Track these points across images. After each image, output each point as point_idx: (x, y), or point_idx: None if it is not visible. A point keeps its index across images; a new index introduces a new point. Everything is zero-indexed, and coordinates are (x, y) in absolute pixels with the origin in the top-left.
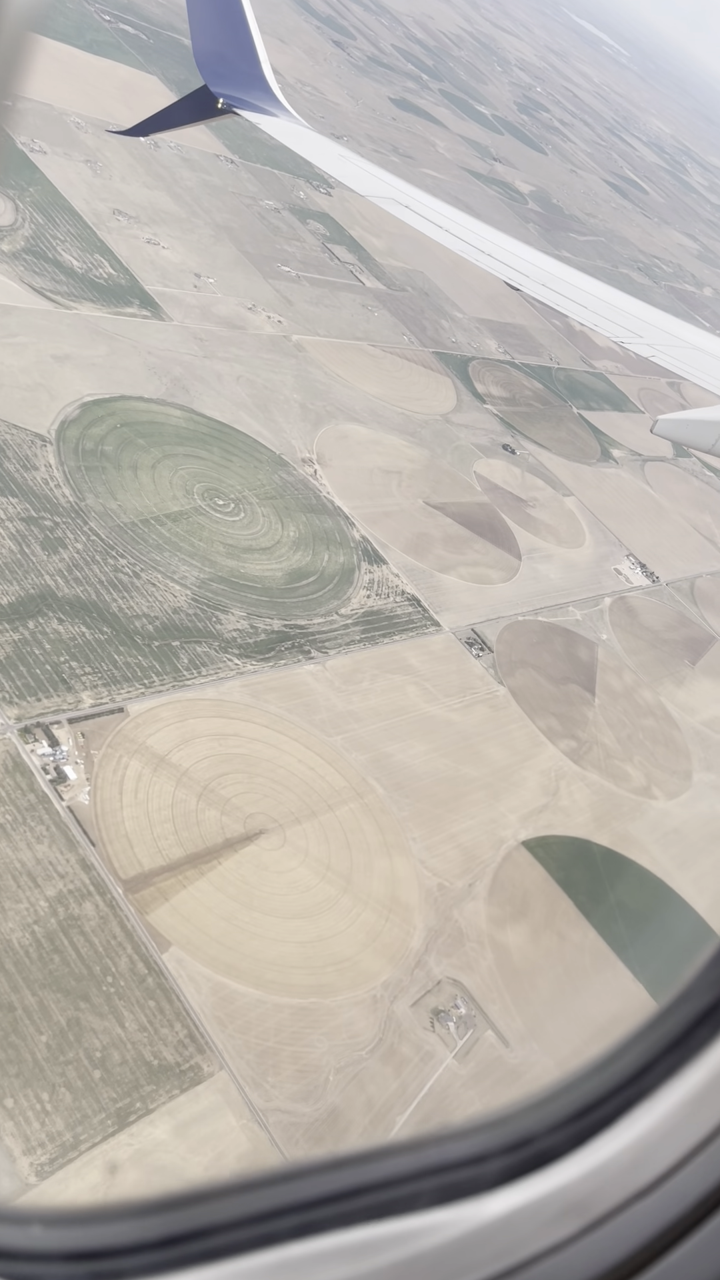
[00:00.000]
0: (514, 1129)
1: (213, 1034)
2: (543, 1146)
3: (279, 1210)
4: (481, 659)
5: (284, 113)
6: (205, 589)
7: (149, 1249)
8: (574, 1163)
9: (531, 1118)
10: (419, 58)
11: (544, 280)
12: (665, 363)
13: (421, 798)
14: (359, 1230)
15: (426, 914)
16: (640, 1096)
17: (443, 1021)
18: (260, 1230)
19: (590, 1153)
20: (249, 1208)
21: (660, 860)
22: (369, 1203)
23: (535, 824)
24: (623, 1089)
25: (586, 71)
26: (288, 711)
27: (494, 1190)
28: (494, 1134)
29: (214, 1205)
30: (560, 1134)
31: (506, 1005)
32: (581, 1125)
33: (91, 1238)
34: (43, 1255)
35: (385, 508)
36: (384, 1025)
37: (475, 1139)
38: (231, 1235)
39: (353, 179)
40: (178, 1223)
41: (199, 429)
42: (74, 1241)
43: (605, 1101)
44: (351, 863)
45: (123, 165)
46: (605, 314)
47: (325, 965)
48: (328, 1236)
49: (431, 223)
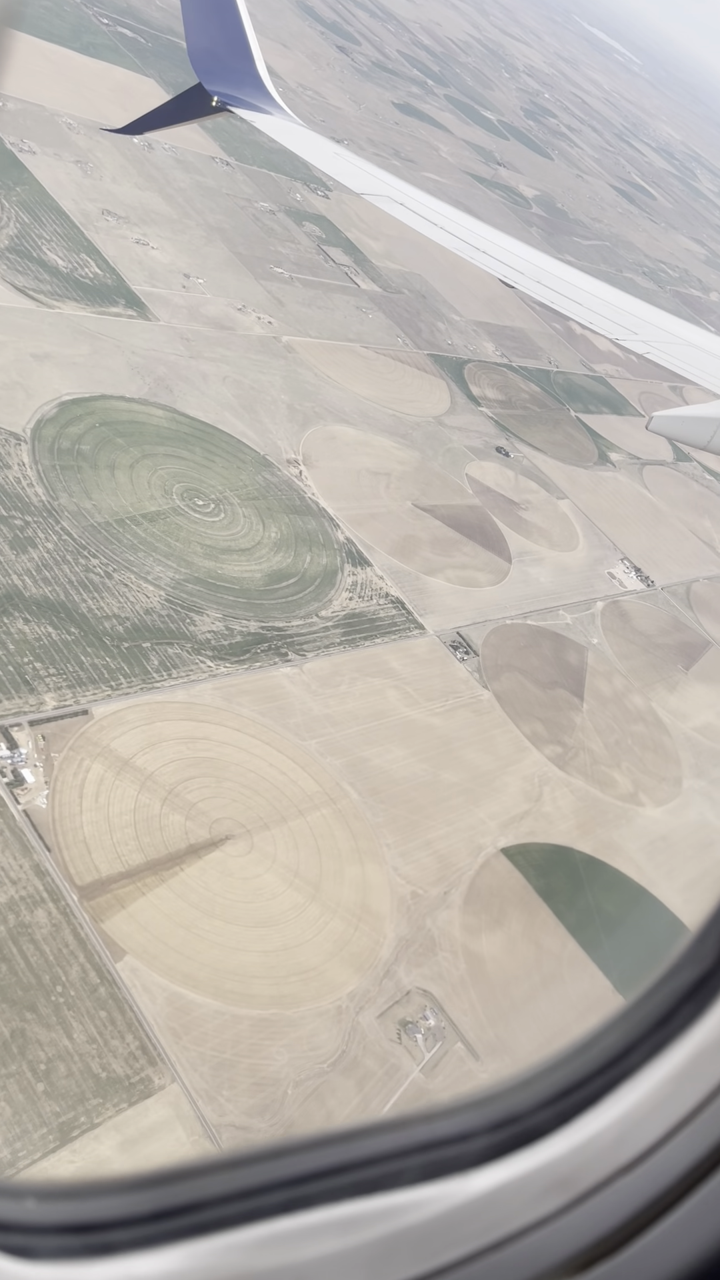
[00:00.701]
0: (500, 1107)
1: (166, 1046)
2: (528, 1124)
3: (267, 1186)
4: (466, 662)
5: (279, 111)
6: (180, 590)
7: (140, 1223)
8: (559, 1140)
9: (517, 1096)
10: (424, 63)
11: (540, 278)
12: (661, 360)
13: (398, 803)
14: (346, 1205)
15: (398, 922)
16: (625, 1075)
17: (410, 1033)
18: (249, 1205)
19: (575, 1130)
20: (238, 1183)
21: (645, 869)
22: (356, 1179)
23: (516, 831)
24: (608, 1067)
25: (596, 79)
26: (261, 715)
27: (480, 1167)
28: (480, 1112)
29: (204, 1181)
30: (546, 1112)
31: (478, 1017)
32: (567, 1103)
33: (84, 1211)
34: (36, 1228)
35: (372, 509)
36: (348, 1037)
37: (461, 1117)
38: (221, 1210)
39: (348, 177)
40: (168, 1197)
41: (181, 429)
42: (67, 1215)
43: (590, 1080)
44: (321, 869)
45: (114, 166)
46: (601, 311)
47: (289, 975)
48: (315, 1211)
49: (427, 220)
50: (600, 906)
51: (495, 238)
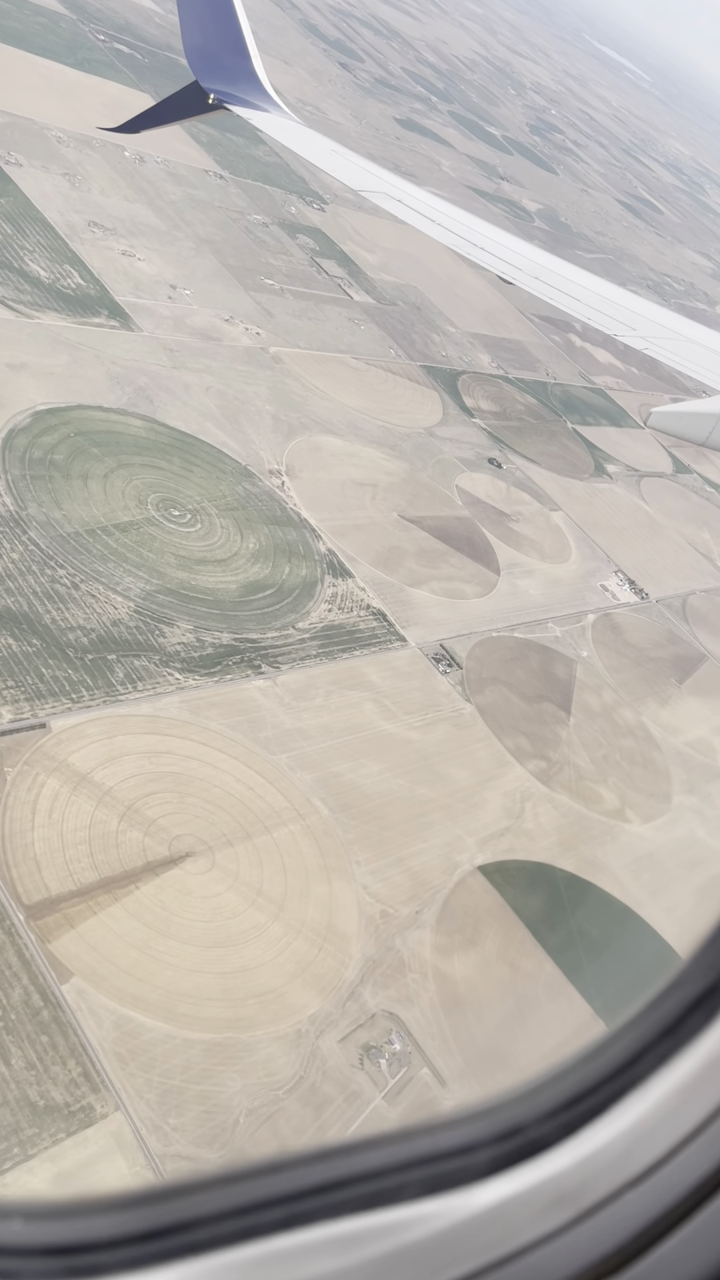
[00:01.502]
0: (504, 1118)
1: (111, 1072)
2: (533, 1136)
3: (264, 1202)
4: (449, 675)
5: (275, 108)
6: (150, 601)
7: (130, 1243)
8: (564, 1152)
9: (521, 1107)
10: (429, 80)
11: (537, 274)
12: (659, 355)
13: (370, 819)
14: (346, 1222)
15: (365, 943)
16: (631, 1085)
17: (374, 1059)
18: (245, 1223)
19: (581, 1142)
20: (233, 1200)
21: (629, 887)
22: (356, 1194)
23: (494, 848)
24: (614, 1077)
25: (605, 95)
26: (229, 728)
27: (484, 1180)
28: (483, 1123)
29: (197, 1198)
30: (550, 1123)
31: (446, 1041)
32: (572, 1114)
33: (72, 1232)
34: (22, 1250)
35: (356, 520)
36: (307, 1062)
37: (464, 1129)
38: (215, 1228)
39: (345, 173)
40: (160, 1216)
41: (159, 439)
42: (54, 1236)
43: (596, 1090)
44: (286, 888)
45: (103, 179)
46: (599, 307)
47: (246, 997)
48: (314, 1228)
49: (424, 216)
50: (581, 927)
51: (494, 234)
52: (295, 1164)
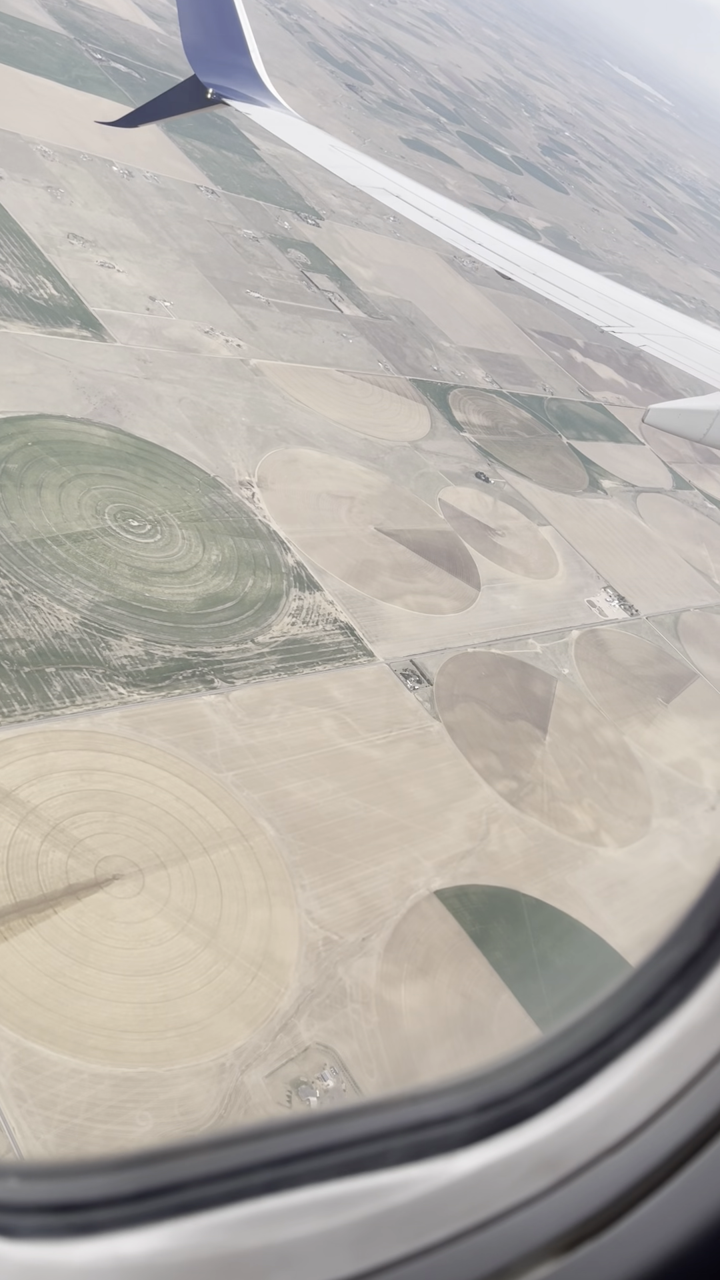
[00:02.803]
0: (486, 1089)
1: (5, 1109)
2: (515, 1106)
3: (252, 1166)
4: (417, 692)
5: (274, 103)
6: (98, 613)
7: (124, 1202)
8: (546, 1121)
9: (504, 1078)
10: (439, 102)
11: (535, 269)
12: (657, 351)
13: (320, 841)
14: (331, 1185)
15: (304, 971)
16: (612, 1056)
17: (303, 1095)
18: (233, 1185)
19: (562, 1111)
20: (222, 1163)
21: (600, 914)
22: (341, 1159)
23: (454, 872)
24: (595, 1049)
25: (623, 119)
26: (173, 745)
27: (466, 1148)
28: (466, 1093)
29: (188, 1161)
30: (532, 1093)
31: (385, 1077)
32: (554, 1085)
33: (67, 1190)
34: (19, 1207)
35: (329, 533)
36: (228, 1099)
37: (447, 1098)
38: (205, 1190)
39: (343, 168)
40: (152, 1177)
41: (124, 449)
42: (50, 1194)
43: (577, 1061)
44: (221, 913)
45: (87, 192)
46: (596, 303)
47: (167, 1029)
48: (300, 1191)
49: (422, 212)
50: (545, 956)
51: (493, 230)
52: (282, 1130)
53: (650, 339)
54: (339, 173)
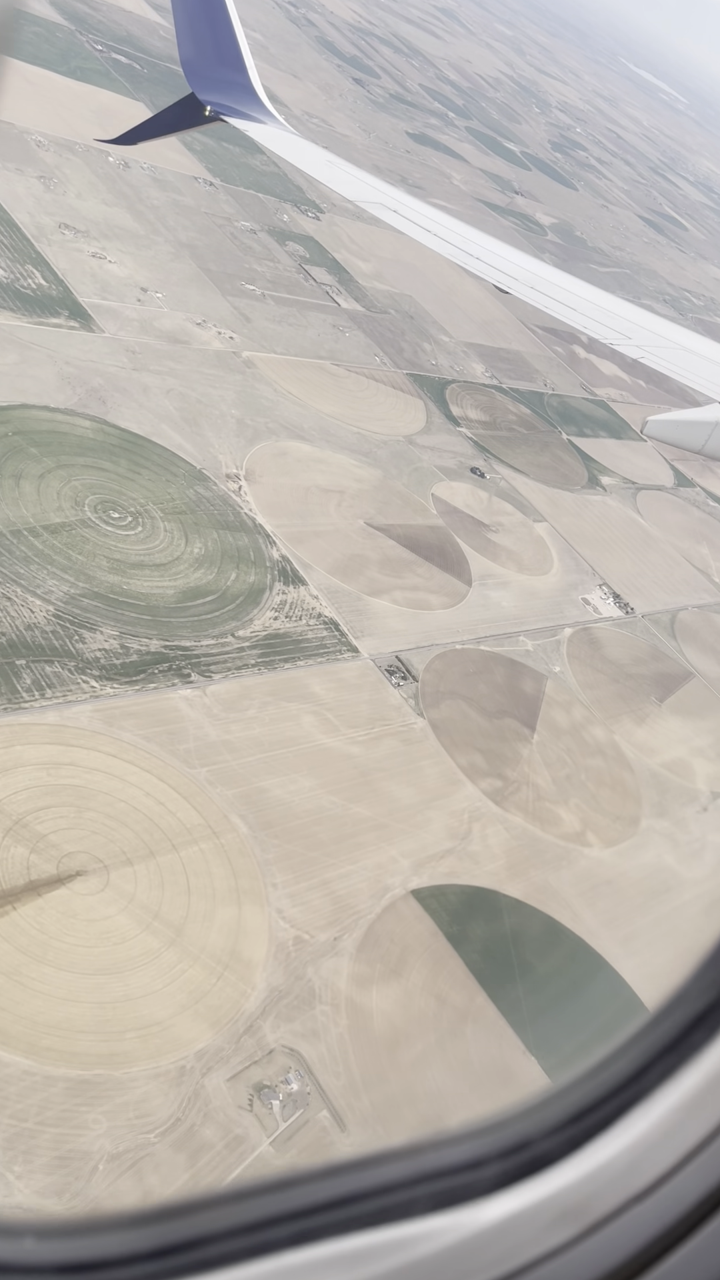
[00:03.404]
0: (510, 1133)
1: None
2: (539, 1151)
3: (274, 1218)
4: (402, 689)
5: (271, 120)
6: (73, 605)
7: (142, 1260)
8: (571, 1167)
9: (527, 1122)
10: (448, 97)
11: (533, 283)
12: (655, 364)
13: (295, 838)
14: (356, 1237)
15: (272, 972)
16: (636, 1099)
17: (265, 1100)
18: (256, 1239)
19: (587, 1157)
20: (244, 1216)
21: (583, 916)
22: (365, 1209)
23: (433, 871)
24: (619, 1092)
25: (637, 116)
26: (145, 739)
27: (491, 1195)
28: (490, 1139)
29: (208, 1214)
30: (556, 1138)
31: (353, 1081)
32: (578, 1129)
33: (83, 1249)
34: (35, 1268)
35: (316, 527)
36: (187, 1103)
37: (471, 1144)
38: (226, 1244)
39: (340, 183)
40: (172, 1233)
41: (108, 440)
42: (66, 1253)
43: (601, 1105)
44: (188, 911)
45: (82, 182)
46: (594, 316)
47: (126, 1030)
48: (324, 1244)
49: (419, 226)
50: (524, 958)
51: (491, 245)
52: (305, 1180)
53: (648, 351)
54: (336, 188)
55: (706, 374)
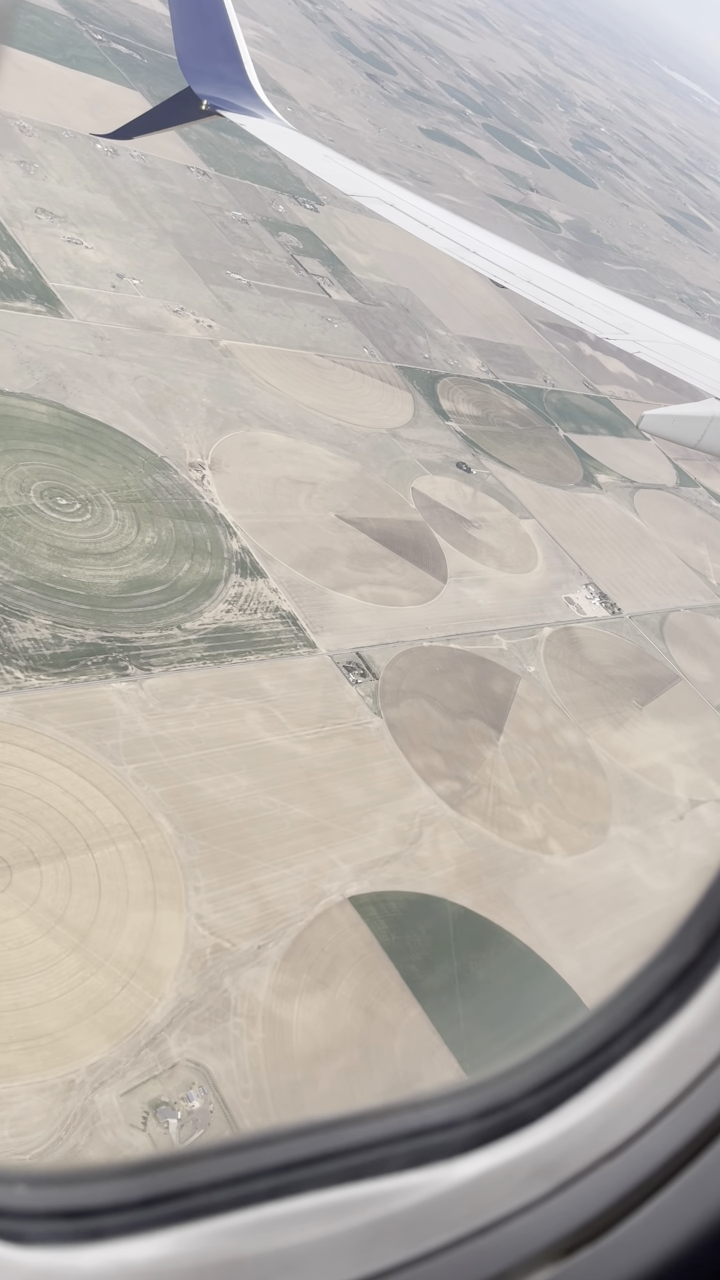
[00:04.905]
0: (486, 1096)
1: None
2: (514, 1112)
3: (256, 1173)
4: (360, 686)
5: (268, 114)
6: (4, 593)
7: (130, 1208)
8: (544, 1127)
9: (503, 1085)
10: (467, 94)
11: (530, 278)
12: (651, 359)
13: (224, 840)
14: (334, 1192)
15: (184, 981)
16: (609, 1064)
17: (161, 1117)
18: (238, 1191)
19: (560, 1118)
20: (227, 1170)
21: (536, 926)
22: (343, 1165)
23: (375, 877)
24: (592, 1056)
25: (666, 117)
26: (69, 734)
27: (466, 1154)
28: (466, 1100)
29: (193, 1167)
30: (531, 1100)
31: (262, 1098)
32: (552, 1091)
33: (75, 1197)
34: (28, 1213)
35: (283, 519)
36: (71, 1120)
37: (448, 1105)
38: (209, 1196)
39: (336, 178)
40: (158, 1184)
41: (64, 426)
42: (58, 1201)
43: (575, 1068)
44: (97, 915)
45: (64, 168)
46: (591, 310)
47: (11, 1041)
48: (303, 1198)
49: (417, 221)
50: (466, 969)
51: (487, 239)
52: (284, 1137)
53: (645, 346)
54: (332, 182)
55: (703, 369)
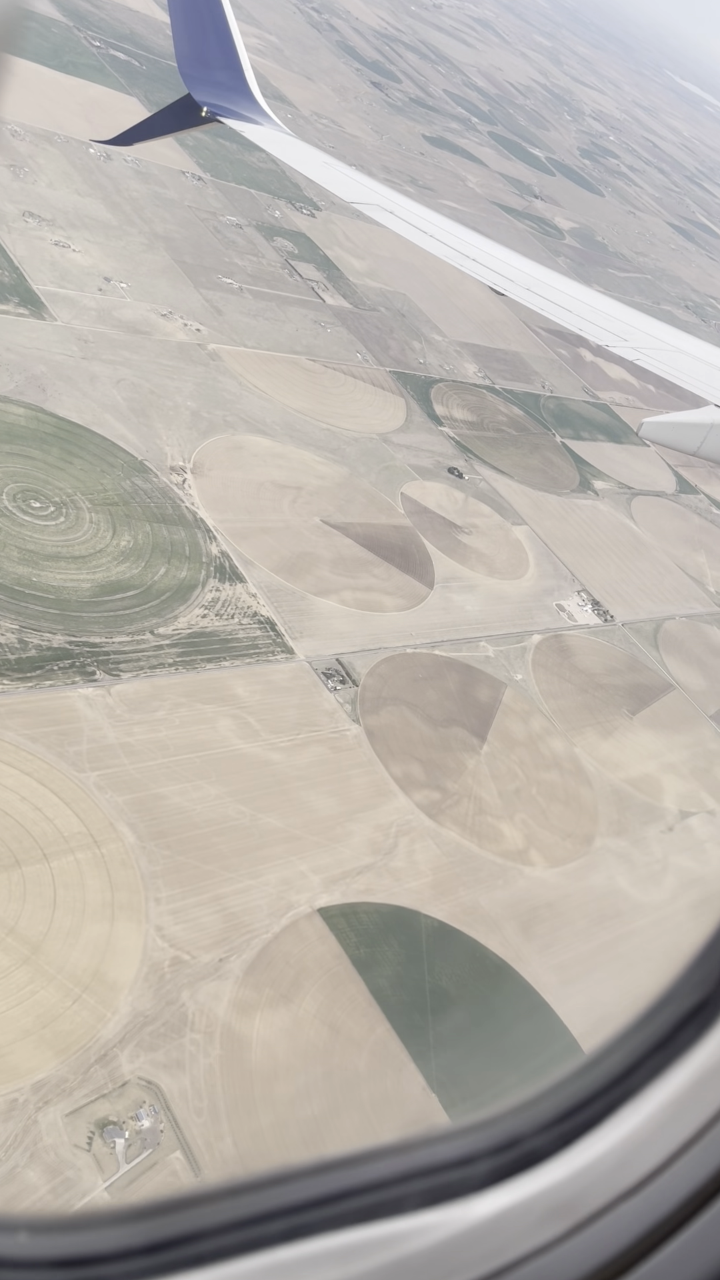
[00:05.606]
0: (501, 1130)
1: None
2: (530, 1147)
3: (267, 1214)
4: (339, 693)
5: (268, 121)
6: None
7: (136, 1255)
8: (561, 1163)
9: (519, 1119)
10: (473, 103)
11: (529, 285)
12: (650, 366)
13: (189, 850)
14: (348, 1233)
15: (139, 995)
16: (626, 1097)
17: (109, 1137)
18: (248, 1235)
19: (577, 1153)
20: (236, 1212)
21: (513, 940)
22: (357, 1205)
23: (346, 888)
24: (609, 1090)
25: (677, 126)
26: (30, 740)
27: (482, 1191)
28: (481, 1135)
29: (201, 1210)
30: (547, 1135)
31: (217, 1118)
32: (568, 1126)
33: (77, 1244)
34: (29, 1262)
35: (265, 523)
36: (12, 1141)
37: (463, 1140)
38: (219, 1240)
39: (336, 185)
40: (164, 1228)
41: (42, 428)
42: (60, 1248)
43: (592, 1102)
44: (50, 926)
45: (55, 172)
46: (590, 318)
47: None
48: (316, 1239)
49: (415, 228)
50: (438, 984)
51: (487, 247)
52: (297, 1176)
53: (644, 353)
54: (331, 188)
55: (700, 376)
